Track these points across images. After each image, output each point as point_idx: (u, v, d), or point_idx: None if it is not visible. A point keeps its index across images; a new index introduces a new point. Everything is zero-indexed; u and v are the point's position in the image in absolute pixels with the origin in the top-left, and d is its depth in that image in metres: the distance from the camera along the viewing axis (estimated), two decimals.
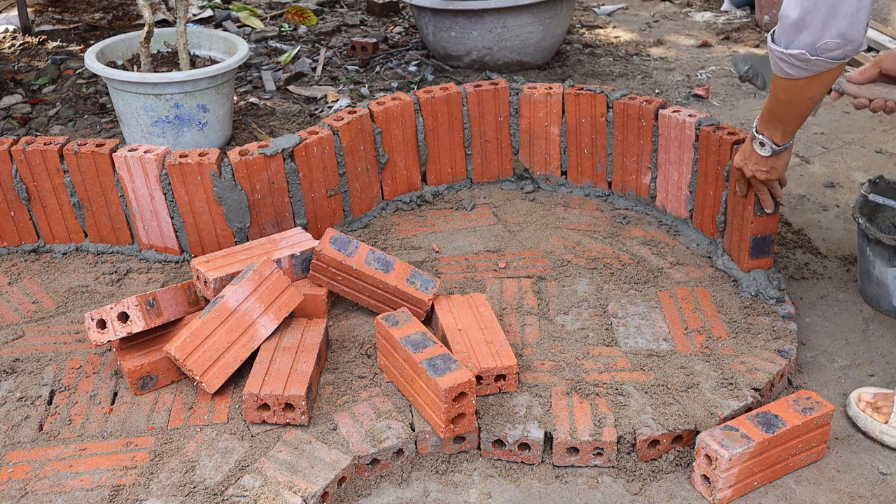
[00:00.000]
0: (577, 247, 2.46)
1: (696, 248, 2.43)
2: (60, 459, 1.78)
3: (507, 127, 2.74)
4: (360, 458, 1.76)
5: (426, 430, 1.81)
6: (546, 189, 2.78)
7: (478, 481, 1.78)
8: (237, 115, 3.37)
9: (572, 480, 1.78)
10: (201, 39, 3.25)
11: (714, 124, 2.37)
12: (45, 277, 2.40)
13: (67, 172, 2.40)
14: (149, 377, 1.94)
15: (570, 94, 2.64)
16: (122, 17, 4.67)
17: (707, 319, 2.13)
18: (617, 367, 1.98)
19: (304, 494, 1.65)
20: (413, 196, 2.71)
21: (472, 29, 3.60)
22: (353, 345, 2.08)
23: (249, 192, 2.34)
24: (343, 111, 2.53)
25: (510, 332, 2.11)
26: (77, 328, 2.17)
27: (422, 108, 2.63)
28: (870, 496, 1.74)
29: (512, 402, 1.88)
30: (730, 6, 4.83)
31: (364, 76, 3.82)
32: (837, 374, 2.07)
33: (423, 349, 1.82)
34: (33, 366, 2.04)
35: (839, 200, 2.79)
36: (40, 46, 4.15)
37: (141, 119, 2.92)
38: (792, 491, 1.75)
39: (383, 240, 2.52)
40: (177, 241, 2.43)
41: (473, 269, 2.38)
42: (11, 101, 3.52)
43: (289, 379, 1.84)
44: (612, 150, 2.65)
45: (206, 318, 1.90)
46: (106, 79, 2.91)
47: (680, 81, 3.83)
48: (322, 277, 2.15)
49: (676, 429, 1.80)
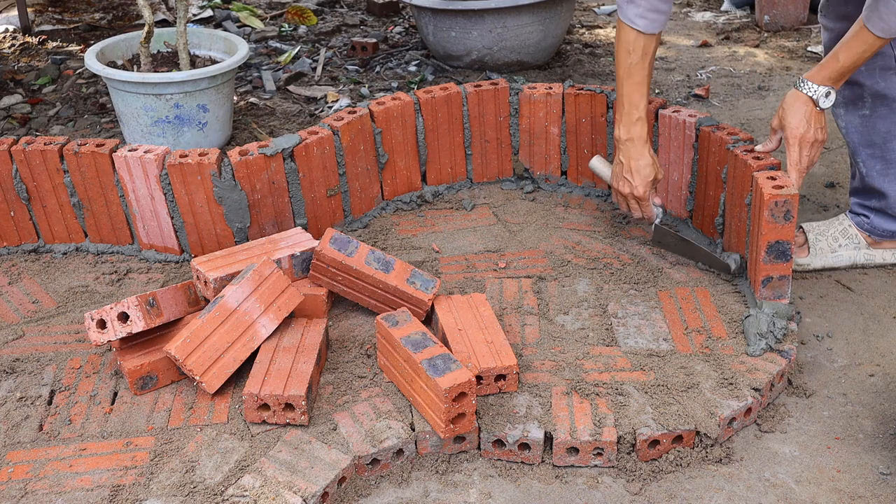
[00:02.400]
0: (577, 247, 2.46)
1: None
2: (60, 459, 1.78)
3: (507, 127, 2.74)
4: (360, 458, 1.76)
5: (426, 430, 1.81)
6: (546, 189, 2.78)
7: (478, 481, 1.78)
8: (237, 115, 3.37)
9: (572, 480, 1.78)
10: (201, 39, 3.25)
11: (714, 124, 2.37)
12: (45, 277, 2.40)
13: (67, 172, 2.40)
14: (149, 377, 1.94)
15: (570, 94, 2.64)
16: (122, 17, 4.67)
17: (707, 319, 2.13)
18: (617, 367, 1.98)
19: (304, 494, 1.65)
20: (413, 196, 2.71)
21: (472, 29, 3.60)
22: (353, 345, 2.08)
23: (249, 192, 2.34)
24: (343, 111, 2.53)
25: (510, 332, 2.11)
26: (77, 328, 2.17)
27: (422, 108, 2.63)
28: (870, 496, 1.74)
29: (512, 402, 1.88)
30: (730, 6, 4.83)
31: (364, 76, 3.82)
32: (837, 374, 2.07)
33: (423, 349, 1.82)
34: (33, 366, 2.04)
35: (839, 200, 2.79)
36: (40, 46, 4.15)
37: (141, 119, 2.92)
38: (792, 491, 1.75)
39: (383, 240, 2.52)
40: (177, 241, 2.43)
41: (473, 269, 2.38)
42: (11, 101, 3.52)
43: (289, 379, 1.84)
44: (612, 150, 2.65)
45: (206, 318, 1.90)
46: (106, 79, 2.91)
47: (680, 81, 3.83)
48: (322, 277, 2.15)
49: (676, 429, 1.80)
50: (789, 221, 2.03)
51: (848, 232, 2.40)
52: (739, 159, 2.21)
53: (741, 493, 1.75)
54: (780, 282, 2.10)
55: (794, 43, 4.27)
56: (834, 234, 2.40)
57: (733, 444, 1.86)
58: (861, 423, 1.92)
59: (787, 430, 1.90)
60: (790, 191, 2.02)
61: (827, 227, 2.42)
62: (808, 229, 2.43)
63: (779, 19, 4.43)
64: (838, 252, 2.40)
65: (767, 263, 2.08)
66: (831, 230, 2.41)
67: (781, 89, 3.74)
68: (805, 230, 2.43)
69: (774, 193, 2.01)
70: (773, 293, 2.11)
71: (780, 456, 1.84)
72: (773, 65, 4.01)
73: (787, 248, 2.06)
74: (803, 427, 1.91)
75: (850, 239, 2.40)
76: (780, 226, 2.04)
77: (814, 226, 2.44)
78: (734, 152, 2.24)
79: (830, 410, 1.96)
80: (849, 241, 2.40)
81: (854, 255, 2.40)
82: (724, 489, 1.76)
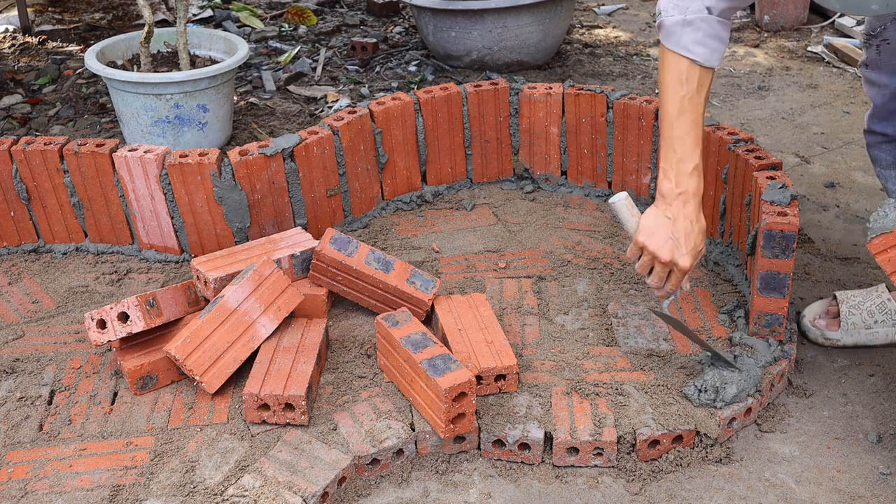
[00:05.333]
0: (577, 247, 2.46)
1: None
2: (60, 459, 1.78)
3: (507, 127, 2.74)
4: (360, 458, 1.76)
5: (426, 430, 1.81)
6: (546, 189, 2.78)
7: (478, 481, 1.78)
8: (237, 115, 3.37)
9: (572, 480, 1.78)
10: (201, 39, 3.25)
11: (714, 124, 2.37)
12: (45, 277, 2.40)
13: (67, 172, 2.40)
14: (149, 377, 1.94)
15: (570, 94, 2.64)
16: (122, 17, 4.67)
17: (707, 319, 2.13)
18: (617, 367, 1.98)
19: (304, 494, 1.65)
20: (413, 196, 2.71)
21: (472, 29, 3.60)
22: (353, 345, 2.08)
23: (249, 192, 2.34)
24: (343, 111, 2.53)
25: (510, 332, 2.11)
26: (77, 328, 2.17)
27: (422, 108, 2.63)
28: (870, 496, 1.74)
29: (512, 402, 1.88)
30: None
31: (364, 76, 3.82)
32: (837, 374, 2.07)
33: (423, 349, 1.82)
34: (33, 366, 2.04)
35: (839, 200, 2.79)
36: (40, 46, 4.15)
37: (141, 119, 2.92)
38: (792, 491, 1.75)
39: (383, 240, 2.52)
40: (177, 241, 2.43)
41: (473, 269, 2.38)
42: (11, 101, 3.52)
43: (289, 379, 1.84)
44: (612, 150, 2.65)
45: (206, 318, 1.90)
46: (106, 79, 2.91)
47: None
48: (322, 277, 2.15)
49: (676, 429, 1.80)
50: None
51: (886, 307, 2.09)
52: (741, 159, 2.21)
53: (741, 493, 1.75)
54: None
55: (794, 43, 4.27)
56: (870, 309, 2.09)
57: (733, 444, 1.86)
58: (861, 423, 1.92)
59: (787, 430, 1.90)
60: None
61: (863, 298, 2.11)
62: (842, 300, 2.12)
63: (779, 19, 4.43)
64: (873, 329, 2.09)
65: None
66: (867, 303, 2.10)
67: (781, 89, 3.74)
68: (839, 301, 2.13)
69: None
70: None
71: (780, 456, 1.84)
72: (773, 65, 4.01)
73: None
74: (803, 427, 1.91)
75: (889, 315, 2.09)
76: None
77: (848, 296, 2.13)
78: (735, 152, 2.23)
79: (830, 410, 1.96)
80: (886, 316, 2.09)
81: (892, 333, 2.10)
82: (724, 489, 1.76)
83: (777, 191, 1.97)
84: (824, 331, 2.12)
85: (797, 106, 3.57)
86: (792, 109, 3.54)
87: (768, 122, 3.43)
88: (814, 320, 2.14)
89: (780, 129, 3.37)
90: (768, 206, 1.94)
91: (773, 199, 1.96)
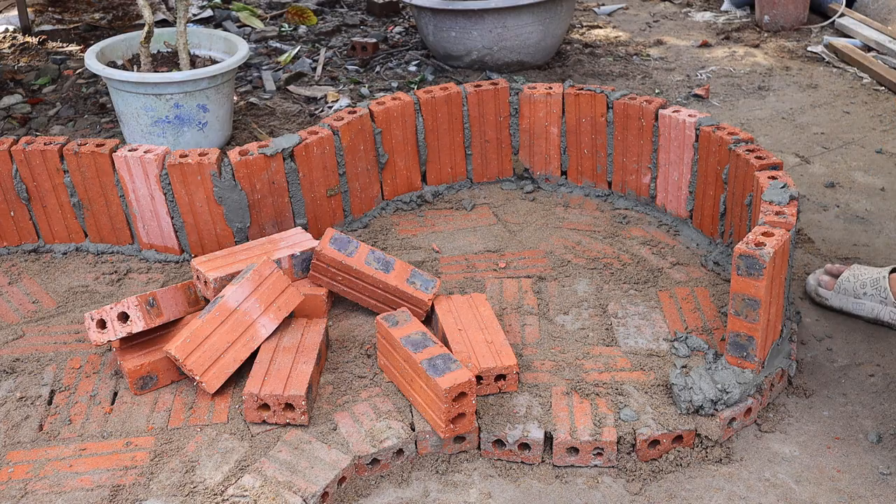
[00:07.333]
0: (577, 247, 2.47)
1: (696, 247, 2.43)
2: (60, 459, 1.78)
3: (507, 127, 2.74)
4: (360, 458, 1.76)
5: (426, 430, 1.81)
6: (546, 189, 2.78)
7: (478, 481, 1.78)
8: (237, 115, 3.37)
9: (572, 480, 1.78)
10: (201, 39, 3.25)
11: (714, 124, 2.37)
12: (45, 277, 2.40)
13: (67, 172, 2.40)
14: (149, 377, 1.94)
15: (570, 94, 2.64)
16: (122, 17, 4.67)
17: (707, 319, 2.13)
18: (617, 367, 1.98)
19: (304, 494, 1.65)
20: (413, 196, 2.71)
21: (473, 29, 3.60)
22: (353, 345, 2.08)
23: (249, 192, 2.34)
24: (343, 111, 2.53)
25: (510, 332, 2.11)
26: (77, 328, 2.17)
27: (422, 108, 2.63)
28: (870, 496, 1.74)
29: (512, 402, 1.88)
30: (730, 6, 4.83)
31: (364, 76, 3.82)
32: (837, 374, 2.07)
33: (423, 349, 1.82)
34: (33, 366, 2.04)
35: (839, 200, 2.79)
36: (40, 46, 4.15)
37: (141, 119, 2.92)
38: (792, 491, 1.75)
39: (383, 240, 2.52)
40: (177, 241, 2.43)
41: (473, 269, 2.38)
42: (11, 101, 3.52)
43: (289, 379, 1.84)
44: (612, 150, 2.65)
45: (206, 318, 1.90)
46: (106, 79, 2.91)
47: (680, 81, 3.83)
48: (322, 277, 2.15)
49: (676, 429, 1.80)
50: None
51: (879, 283, 2.14)
52: (741, 159, 2.21)
53: (741, 493, 1.75)
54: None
55: (794, 43, 4.27)
56: (864, 280, 2.16)
57: (733, 444, 1.86)
58: (861, 423, 1.92)
59: (787, 430, 1.90)
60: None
61: (866, 272, 2.18)
62: (851, 268, 2.21)
63: (779, 19, 4.43)
64: (861, 300, 2.16)
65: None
66: (865, 276, 2.17)
67: (781, 89, 3.74)
68: (850, 268, 2.21)
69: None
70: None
71: (780, 456, 1.84)
72: (772, 65, 4.01)
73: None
74: (803, 427, 1.91)
75: (879, 291, 2.14)
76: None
77: (857, 267, 2.21)
78: (736, 152, 2.24)
79: (830, 410, 1.96)
80: (876, 292, 2.14)
81: (878, 308, 2.15)
82: (724, 489, 1.76)
83: (778, 191, 1.97)
84: (819, 287, 2.24)
85: (797, 106, 3.58)
86: (792, 109, 3.54)
87: (768, 122, 3.43)
88: (819, 276, 2.27)
89: (780, 129, 3.37)
90: (767, 206, 1.95)
91: (774, 199, 1.96)
